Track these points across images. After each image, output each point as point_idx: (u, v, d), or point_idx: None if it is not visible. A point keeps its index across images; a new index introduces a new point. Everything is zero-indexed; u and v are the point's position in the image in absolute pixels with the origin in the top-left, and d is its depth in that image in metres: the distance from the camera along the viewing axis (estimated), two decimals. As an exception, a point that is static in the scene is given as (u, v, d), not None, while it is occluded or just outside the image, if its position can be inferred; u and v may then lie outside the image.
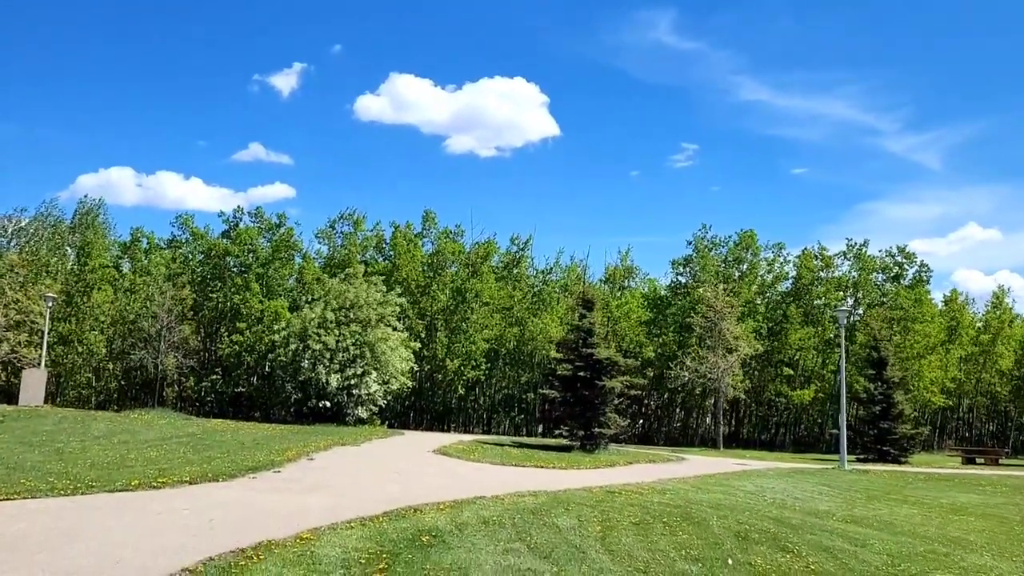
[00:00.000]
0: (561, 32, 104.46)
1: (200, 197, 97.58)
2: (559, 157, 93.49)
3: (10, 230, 45.96)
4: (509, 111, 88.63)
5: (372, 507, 11.77)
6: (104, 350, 43.88)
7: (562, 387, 27.70)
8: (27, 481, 11.88)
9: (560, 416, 27.85)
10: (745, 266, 47.86)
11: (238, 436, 22.38)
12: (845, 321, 28.80)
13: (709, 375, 35.62)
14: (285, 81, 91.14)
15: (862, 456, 32.55)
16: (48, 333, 43.07)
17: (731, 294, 38.44)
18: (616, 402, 27.41)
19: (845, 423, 27.25)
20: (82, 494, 11.31)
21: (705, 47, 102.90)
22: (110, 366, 45.62)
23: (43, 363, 33.71)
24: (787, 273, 48.64)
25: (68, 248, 48.34)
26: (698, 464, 26.02)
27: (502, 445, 27.19)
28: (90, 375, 45.69)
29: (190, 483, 12.98)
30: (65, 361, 44.19)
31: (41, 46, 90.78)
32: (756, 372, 42.33)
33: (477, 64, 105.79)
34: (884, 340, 34.79)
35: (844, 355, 28.04)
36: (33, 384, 27.80)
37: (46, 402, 42.64)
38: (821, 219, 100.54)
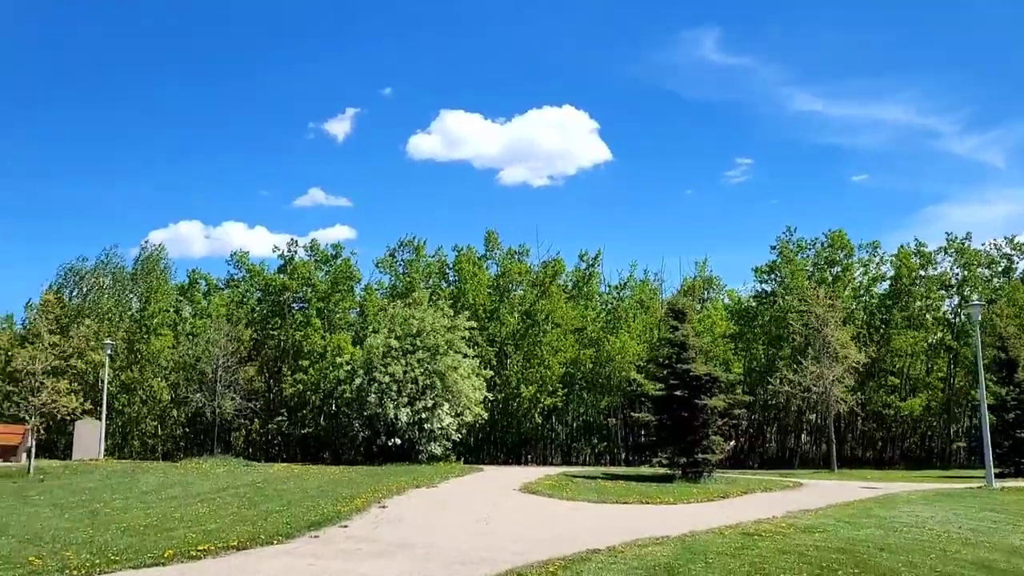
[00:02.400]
0: (607, 58, 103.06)
1: (265, 244, 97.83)
2: (612, 181, 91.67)
3: (71, 280, 45.26)
4: (560, 139, 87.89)
5: (464, 574, 9.14)
6: (168, 397, 42.44)
7: (655, 409, 24.75)
8: (37, 559, 9.57)
9: (656, 442, 24.90)
10: (837, 268, 44.09)
11: (302, 483, 20.03)
12: (979, 317, 25.26)
13: (814, 388, 32.13)
14: (339, 126, 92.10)
15: (998, 471, 28.58)
16: (109, 382, 42.14)
17: (830, 298, 34.91)
18: (719, 423, 24.33)
19: (988, 435, 23.60)
20: (100, 573, 8.94)
21: (752, 62, 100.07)
22: (174, 412, 44.17)
23: (104, 414, 32.20)
24: (884, 274, 44.76)
25: (131, 295, 47.40)
26: (821, 490, 22.73)
27: (593, 478, 24.34)
28: (155, 423, 44.30)
29: (238, 549, 10.54)
30: (128, 410, 42.91)
31: (113, 110, 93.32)
32: (858, 383, 38.51)
33: (525, 95, 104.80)
34: (1012, 339, 30.88)
35: (980, 357, 24.46)
36: (86, 436, 26.03)
37: (111, 454, 41.45)
38: (887, 226, 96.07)
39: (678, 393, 23.76)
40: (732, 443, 26.53)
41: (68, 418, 18.70)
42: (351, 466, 28.48)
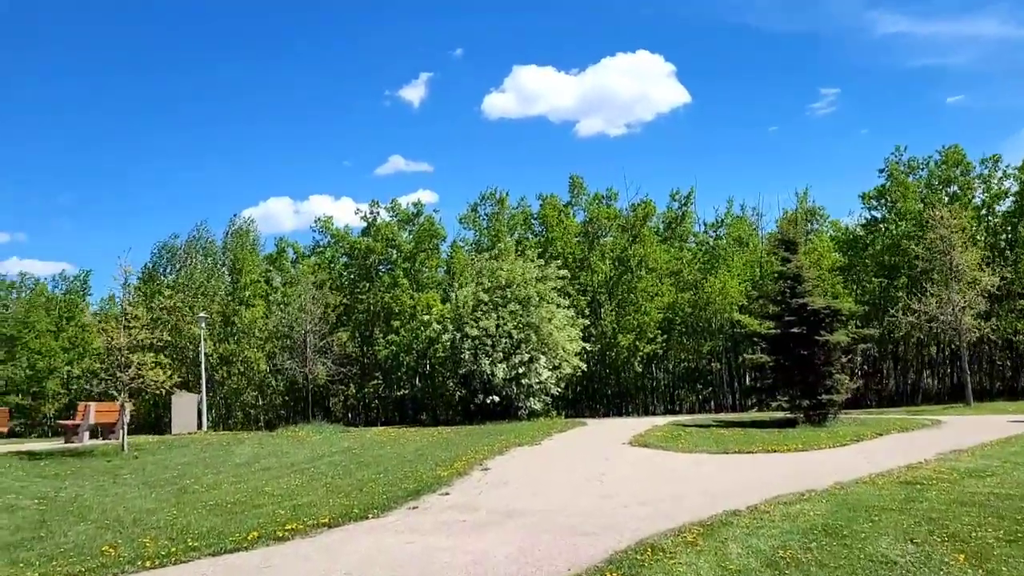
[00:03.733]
0: None
1: (350, 214, 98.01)
2: (693, 124, 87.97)
3: (164, 257, 45.82)
4: (636, 86, 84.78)
5: (587, 548, 7.76)
6: (265, 367, 42.64)
7: (770, 349, 22.82)
8: (111, 548, 8.67)
9: (773, 384, 22.93)
10: (954, 188, 40.37)
11: (399, 447, 19.09)
12: None
13: (941, 316, 29.31)
14: (414, 92, 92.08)
15: None
16: (208, 355, 42.59)
17: (954, 217, 31.59)
18: (843, 360, 22.21)
19: None
20: (175, 563, 7.94)
21: None
22: (272, 382, 44.47)
23: (203, 386, 32.30)
24: (1007, 190, 40.72)
25: (223, 269, 47.83)
26: (965, 427, 20.47)
27: (706, 426, 22.66)
28: (255, 393, 44.75)
29: (329, 526, 9.46)
30: (229, 382, 43.41)
31: (202, 97, 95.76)
32: (988, 309, 35.28)
33: (598, 43, 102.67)
34: None
35: None
36: (184, 410, 25.81)
37: (215, 427, 42.02)
38: (987, 147, 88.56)
39: (795, 330, 21.72)
40: (858, 382, 24.36)
41: (159, 392, 18.25)
42: (449, 426, 27.59)
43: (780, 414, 23.12)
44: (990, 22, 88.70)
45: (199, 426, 28.30)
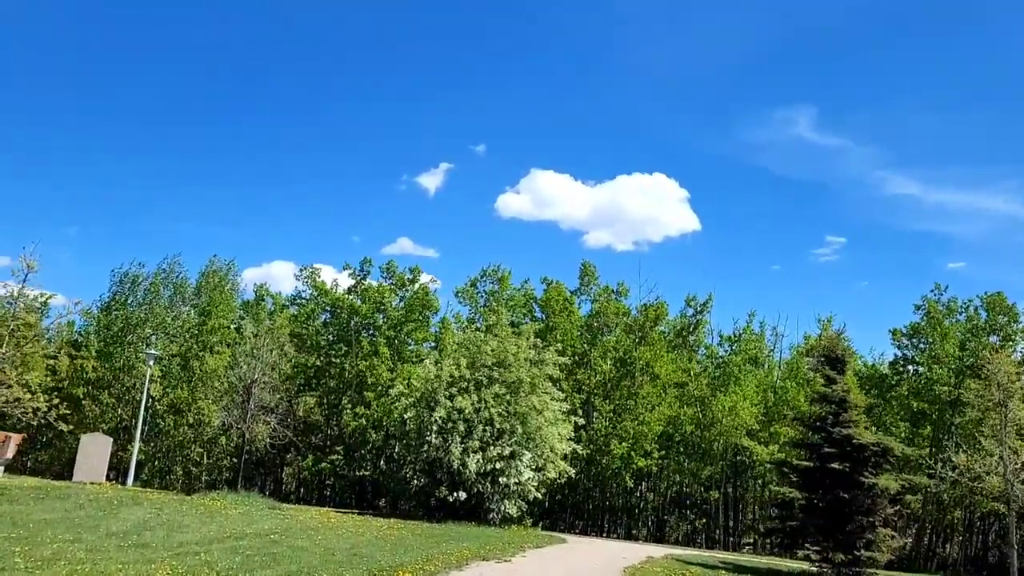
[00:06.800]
0: (700, 130, 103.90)
1: (346, 281, 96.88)
2: (698, 251, 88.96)
3: (127, 286, 41.93)
4: (648, 206, 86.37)
5: None
6: (218, 422, 38.25)
7: (802, 483, 18.95)
8: None
9: (799, 527, 18.92)
10: (996, 337, 36.91)
11: (333, 539, 14.99)
12: None
13: (988, 477, 25.35)
14: (432, 180, 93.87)
15: None
16: (156, 400, 38.39)
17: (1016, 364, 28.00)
18: (888, 511, 18.34)
19: None
20: None
21: (848, 143, 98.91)
22: (223, 440, 40.00)
23: (138, 432, 28.19)
24: (1051, 348, 37.37)
25: (190, 309, 43.91)
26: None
27: (712, 567, 18.59)
28: (202, 451, 40.20)
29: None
30: (175, 433, 39.00)
31: (213, 155, 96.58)
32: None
33: (616, 160, 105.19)
34: None
35: None
36: (92, 455, 21.53)
37: (147, 482, 37.37)
38: None
39: (835, 465, 17.96)
40: (904, 540, 20.40)
41: (31, 422, 14.35)
42: (405, 520, 23.30)
43: (799, 564, 19.15)
44: (997, 199, 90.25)
45: (120, 478, 24.15)
